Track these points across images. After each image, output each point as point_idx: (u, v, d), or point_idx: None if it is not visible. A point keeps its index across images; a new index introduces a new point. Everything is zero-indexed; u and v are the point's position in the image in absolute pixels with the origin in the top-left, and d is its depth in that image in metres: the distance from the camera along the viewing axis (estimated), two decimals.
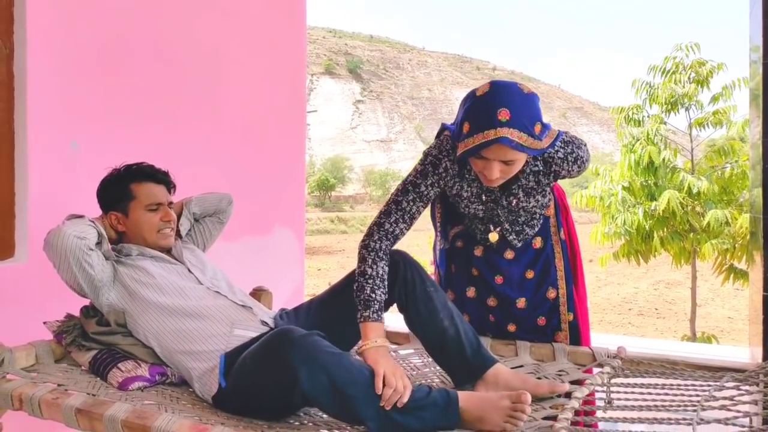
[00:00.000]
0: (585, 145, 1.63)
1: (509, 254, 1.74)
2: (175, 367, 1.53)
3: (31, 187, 1.90)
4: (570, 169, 1.59)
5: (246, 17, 2.47)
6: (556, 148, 1.55)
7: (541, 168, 1.59)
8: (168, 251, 1.73)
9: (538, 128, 1.42)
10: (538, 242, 1.74)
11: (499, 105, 1.38)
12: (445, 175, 1.58)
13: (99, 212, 2.08)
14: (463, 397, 1.30)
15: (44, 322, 1.65)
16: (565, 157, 1.57)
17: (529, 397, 1.28)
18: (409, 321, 1.63)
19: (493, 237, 1.67)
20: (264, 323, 1.56)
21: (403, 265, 1.60)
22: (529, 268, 1.75)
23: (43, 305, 1.88)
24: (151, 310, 1.53)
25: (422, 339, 1.58)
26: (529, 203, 1.64)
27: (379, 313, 1.48)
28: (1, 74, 1.86)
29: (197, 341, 1.48)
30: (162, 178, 1.70)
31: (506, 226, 1.69)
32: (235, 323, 1.52)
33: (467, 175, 1.61)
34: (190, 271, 1.67)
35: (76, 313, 1.69)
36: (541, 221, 1.73)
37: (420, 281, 1.60)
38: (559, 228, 1.74)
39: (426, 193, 1.58)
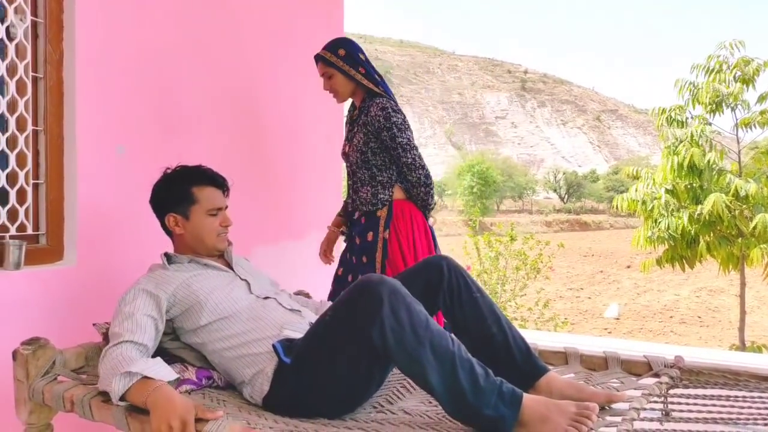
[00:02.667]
0: (404, 120, 2.18)
1: (357, 240, 2.27)
2: (224, 372, 1.52)
3: (79, 191, 1.93)
4: (377, 116, 2.13)
5: (287, 28, 2.49)
6: (380, 102, 2.16)
7: (367, 109, 2.18)
8: (220, 256, 1.73)
9: (342, 52, 2.19)
10: (370, 236, 2.19)
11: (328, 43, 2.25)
12: (348, 121, 2.34)
13: (144, 214, 2.10)
14: (529, 396, 1.28)
15: (93, 324, 1.67)
16: (377, 105, 2.16)
17: (597, 408, 1.24)
18: (454, 327, 1.59)
19: (347, 148, 2.28)
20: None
21: (447, 271, 1.57)
22: (363, 255, 2.20)
23: (92, 307, 1.91)
24: (201, 317, 1.53)
25: (468, 345, 1.54)
26: (355, 139, 2.21)
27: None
28: (51, 80, 1.90)
29: (247, 345, 1.48)
30: (221, 182, 1.69)
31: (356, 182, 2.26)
32: (285, 325, 1.51)
33: (351, 117, 2.32)
34: (241, 278, 1.66)
35: None
36: (369, 208, 2.21)
37: (465, 287, 1.57)
38: (385, 228, 2.19)
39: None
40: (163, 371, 1.32)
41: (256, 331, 1.49)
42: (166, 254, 1.65)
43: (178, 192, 1.65)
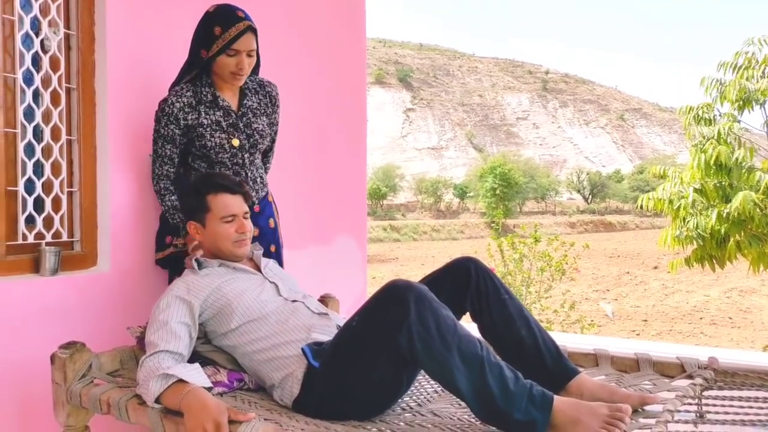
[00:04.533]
0: None
1: (255, 232, 2.00)
2: (255, 375, 1.55)
3: (112, 198, 1.98)
4: (277, 96, 2.07)
5: (310, 34, 2.51)
6: (268, 81, 2.08)
7: (258, 89, 2.03)
8: (249, 259, 1.75)
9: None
10: (272, 222, 2.10)
11: (235, 8, 1.85)
12: (179, 112, 1.89)
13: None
14: (560, 399, 1.27)
15: (127, 328, 1.71)
16: (272, 84, 2.07)
17: (630, 410, 1.22)
18: (483, 329, 1.59)
19: (235, 142, 1.94)
20: (339, 328, 1.56)
21: (474, 273, 1.57)
22: (272, 244, 2.07)
23: (125, 311, 1.95)
24: (232, 320, 1.55)
25: (497, 348, 1.54)
26: (259, 125, 1.99)
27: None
28: (84, 90, 1.95)
29: (276, 348, 1.50)
30: (237, 189, 1.68)
31: (249, 175, 1.99)
32: (312, 328, 1.52)
33: (204, 102, 1.91)
34: (270, 281, 1.68)
35: None
36: (266, 192, 2.10)
37: (493, 289, 1.56)
38: (276, 214, 2.14)
39: (169, 133, 1.90)
40: (198, 377, 1.35)
41: (285, 334, 1.51)
42: (197, 260, 1.69)
43: (194, 200, 1.67)
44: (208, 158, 1.94)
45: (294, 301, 1.63)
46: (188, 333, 1.50)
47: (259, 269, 1.73)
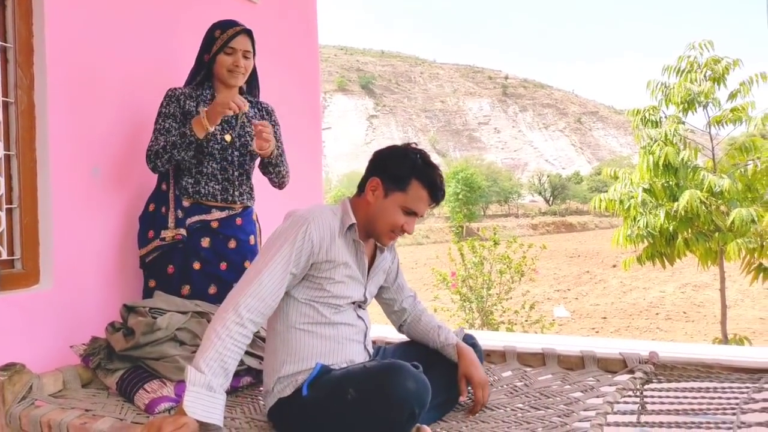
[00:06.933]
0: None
1: (232, 244, 2.05)
2: (270, 348, 1.50)
3: (54, 214, 1.93)
4: (274, 111, 2.22)
5: (261, 41, 2.50)
6: (266, 104, 2.22)
7: (255, 104, 2.17)
8: (379, 248, 1.63)
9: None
10: (252, 240, 2.12)
11: (234, 20, 2.07)
12: (180, 95, 2.03)
13: (121, 235, 2.10)
14: None
15: (71, 346, 1.67)
16: (268, 104, 2.22)
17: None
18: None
19: (228, 138, 2.03)
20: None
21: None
22: (247, 260, 2.06)
23: (69, 330, 1.90)
24: (308, 294, 1.49)
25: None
26: (251, 129, 2.06)
27: None
28: (22, 104, 1.91)
29: (309, 357, 1.47)
30: (439, 199, 1.56)
31: (236, 175, 2.07)
32: (353, 361, 1.52)
33: (203, 98, 2.05)
34: (366, 294, 1.59)
35: (102, 334, 1.70)
36: (251, 206, 2.17)
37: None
38: (259, 235, 2.19)
39: (171, 111, 2.01)
40: (205, 410, 1.27)
41: (324, 349, 1.48)
42: (350, 226, 1.52)
43: (403, 172, 1.52)
44: (200, 148, 1.98)
45: (362, 323, 1.58)
46: (282, 290, 1.43)
47: (368, 269, 1.60)
